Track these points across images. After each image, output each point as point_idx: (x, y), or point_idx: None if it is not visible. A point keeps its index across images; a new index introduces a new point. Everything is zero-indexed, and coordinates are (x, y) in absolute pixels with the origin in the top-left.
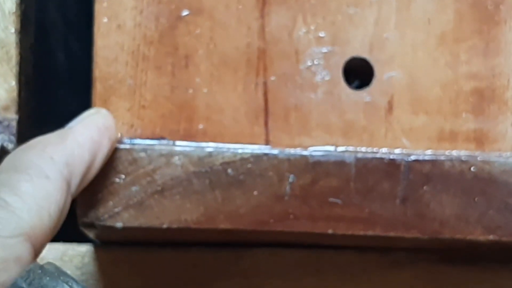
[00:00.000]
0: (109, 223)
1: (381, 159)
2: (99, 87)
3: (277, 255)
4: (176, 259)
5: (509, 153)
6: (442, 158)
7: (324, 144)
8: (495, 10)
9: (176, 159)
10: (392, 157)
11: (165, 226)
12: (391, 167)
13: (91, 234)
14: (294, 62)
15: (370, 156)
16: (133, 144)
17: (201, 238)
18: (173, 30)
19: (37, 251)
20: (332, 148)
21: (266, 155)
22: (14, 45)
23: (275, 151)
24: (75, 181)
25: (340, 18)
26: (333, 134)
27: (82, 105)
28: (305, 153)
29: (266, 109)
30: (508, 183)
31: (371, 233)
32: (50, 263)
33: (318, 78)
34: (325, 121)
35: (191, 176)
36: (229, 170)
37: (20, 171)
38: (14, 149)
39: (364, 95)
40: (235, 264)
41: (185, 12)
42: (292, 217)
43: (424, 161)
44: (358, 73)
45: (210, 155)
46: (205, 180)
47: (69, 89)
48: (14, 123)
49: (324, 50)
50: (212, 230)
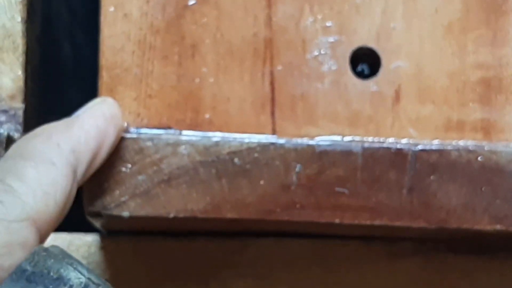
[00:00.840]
0: (115, 212)
1: (388, 148)
2: (105, 77)
3: (283, 244)
4: (182, 249)
5: None
6: (449, 148)
7: (331, 134)
8: (503, 0)
9: (182, 149)
10: (399, 146)
11: (171, 216)
12: (398, 156)
13: (97, 223)
14: (301, 52)
15: (377, 145)
16: (139, 134)
17: (207, 227)
18: (179, 20)
19: (42, 237)
20: (338, 138)
21: (272, 144)
22: (20, 34)
23: (281, 141)
24: (81, 168)
25: (347, 7)
26: (339, 123)
27: (88, 94)
28: (311, 142)
29: (273, 98)
30: None
31: (377, 222)
32: (54, 246)
33: (325, 68)
34: (331, 111)
35: (197, 166)
36: (236, 160)
37: (26, 157)
38: (20, 138)
39: (371, 84)
40: (240, 253)
41: (191, 1)
42: (298, 206)
43: (431, 151)
44: (365, 63)
45: (217, 144)
46: (211, 169)
47: (75, 78)
48: (20, 112)
49: (331, 39)
50: (218, 219)
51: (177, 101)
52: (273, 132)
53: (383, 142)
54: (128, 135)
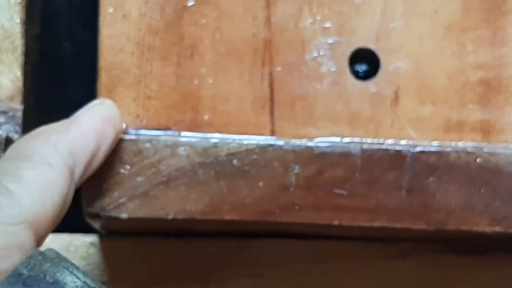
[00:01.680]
0: (114, 213)
1: (386, 150)
2: (104, 77)
3: (282, 245)
4: (181, 249)
5: None
6: (448, 149)
7: (330, 135)
8: (502, 0)
9: (181, 150)
10: (398, 148)
11: (170, 217)
12: (396, 158)
13: (96, 224)
14: (300, 52)
15: (375, 147)
16: (138, 135)
17: (206, 228)
18: (178, 20)
19: (40, 239)
20: (337, 139)
21: (271, 146)
22: (19, 35)
23: (280, 142)
24: (79, 170)
25: (347, 8)
26: (339, 124)
27: (87, 95)
28: (310, 144)
29: (272, 99)
30: None
31: (376, 224)
32: (50, 249)
33: (324, 69)
34: (331, 112)
35: (196, 167)
36: (234, 161)
37: (23, 159)
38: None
39: (370, 85)
40: (239, 254)
41: (190, 2)
42: (297, 208)
43: (430, 152)
44: (364, 64)
45: (215, 146)
46: (210, 170)
47: (74, 79)
48: (19, 114)
49: (330, 40)
50: (217, 220)
51: (176, 101)
52: (272, 133)
53: (381, 144)
54: (127, 137)
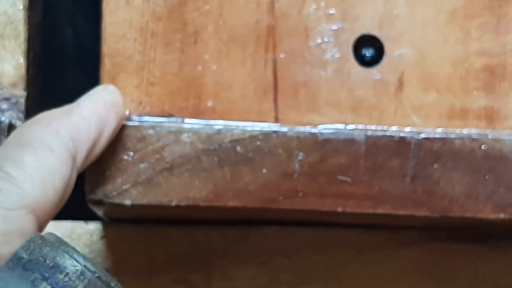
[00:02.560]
0: (117, 200)
1: (391, 136)
2: (107, 64)
3: (285, 232)
4: (184, 237)
5: None
6: (452, 136)
7: (334, 122)
8: None
9: (185, 137)
10: (402, 135)
11: (173, 204)
12: (401, 145)
13: (99, 211)
14: (304, 39)
15: (380, 133)
16: (141, 121)
17: (209, 216)
18: (182, 6)
19: (41, 225)
20: (341, 126)
21: (275, 132)
22: (22, 21)
23: (284, 129)
24: (81, 155)
25: None
26: (342, 111)
27: (90, 82)
28: (314, 130)
29: (275, 86)
30: None
31: (380, 211)
32: (50, 233)
33: (328, 55)
34: (334, 99)
35: (199, 154)
36: (238, 148)
37: (24, 144)
38: None
39: (374, 72)
40: (243, 241)
41: None
42: (301, 194)
43: (434, 139)
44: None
45: (219, 132)
46: (214, 157)
47: (77, 66)
48: (22, 100)
49: (334, 27)
50: (220, 207)
51: (179, 88)
52: (276, 120)
53: (386, 130)
54: (130, 123)
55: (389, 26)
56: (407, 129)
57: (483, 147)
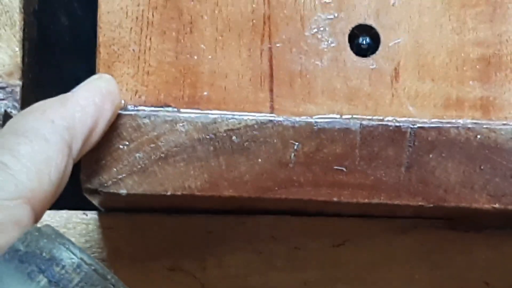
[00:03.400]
0: (112, 189)
1: (386, 126)
2: (103, 53)
3: (280, 221)
4: (179, 226)
5: None
6: (448, 125)
7: (329, 112)
8: None
9: (180, 126)
10: (397, 124)
11: (169, 193)
12: (396, 134)
13: (95, 201)
14: (300, 28)
15: (375, 123)
16: (137, 111)
17: (204, 205)
18: None
19: (37, 215)
20: (337, 115)
21: (271, 122)
22: (17, 10)
23: (280, 118)
24: (77, 145)
25: None
26: (338, 101)
27: (86, 70)
28: (310, 120)
29: (271, 75)
30: None
31: (375, 200)
32: (47, 226)
33: (324, 45)
34: (330, 88)
35: (195, 143)
36: (234, 137)
37: (19, 134)
38: None
39: (370, 61)
40: (237, 230)
41: None
42: (296, 184)
43: (430, 128)
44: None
45: (215, 121)
46: (209, 147)
47: (73, 54)
48: (17, 89)
49: (330, 16)
50: (216, 197)
51: (175, 77)
52: (271, 109)
53: (381, 120)
54: (126, 112)
55: (385, 15)
56: (403, 118)
57: (478, 137)
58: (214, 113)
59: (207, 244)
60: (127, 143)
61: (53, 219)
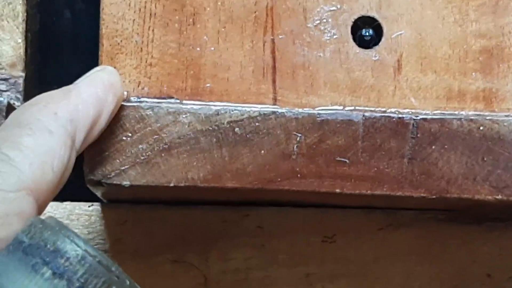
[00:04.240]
0: (116, 181)
1: (389, 117)
2: (106, 45)
3: (282, 214)
4: (182, 219)
5: None
6: (450, 117)
7: (332, 103)
8: None
9: (183, 117)
10: (400, 115)
11: (172, 184)
12: (399, 126)
13: (98, 192)
14: (302, 20)
15: (378, 114)
16: (140, 102)
17: (207, 197)
18: None
19: (40, 206)
20: (340, 107)
21: (273, 113)
22: (20, 1)
23: (282, 110)
24: (80, 137)
25: None
26: (341, 92)
27: (88, 63)
28: (312, 111)
29: (274, 67)
30: None
31: (378, 192)
32: (51, 217)
33: (326, 37)
34: (333, 80)
35: (198, 134)
36: (237, 129)
37: (22, 126)
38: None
39: (373, 53)
40: (240, 223)
41: None
42: (299, 175)
43: (433, 120)
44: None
45: (218, 113)
46: (212, 138)
47: (76, 46)
48: (20, 81)
49: (333, 8)
50: (218, 188)
51: (178, 69)
52: (274, 101)
53: (384, 111)
54: (129, 104)
55: (387, 7)
56: (405, 110)
57: (481, 128)
58: (217, 104)
59: (209, 237)
60: (130, 134)
61: (56, 211)
